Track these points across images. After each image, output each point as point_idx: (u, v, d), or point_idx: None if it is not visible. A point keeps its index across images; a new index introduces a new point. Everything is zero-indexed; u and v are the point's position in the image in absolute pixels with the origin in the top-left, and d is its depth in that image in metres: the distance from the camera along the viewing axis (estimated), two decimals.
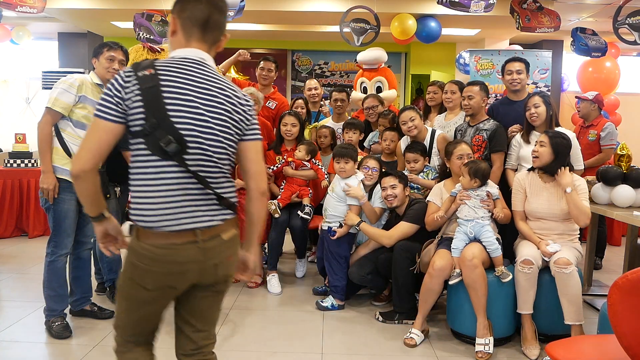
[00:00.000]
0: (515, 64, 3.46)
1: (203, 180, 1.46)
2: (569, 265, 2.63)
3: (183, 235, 1.45)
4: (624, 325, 1.54)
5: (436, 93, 4.16)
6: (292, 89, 8.32)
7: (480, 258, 2.76)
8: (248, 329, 3.04)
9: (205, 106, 1.46)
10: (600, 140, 4.58)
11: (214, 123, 1.47)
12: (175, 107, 1.42)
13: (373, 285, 3.48)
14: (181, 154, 1.42)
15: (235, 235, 1.59)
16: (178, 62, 1.48)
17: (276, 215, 3.62)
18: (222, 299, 1.65)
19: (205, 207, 1.49)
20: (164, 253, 1.44)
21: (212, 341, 1.66)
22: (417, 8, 5.96)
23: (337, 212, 3.40)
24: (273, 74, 4.30)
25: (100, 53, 2.95)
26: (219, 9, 1.53)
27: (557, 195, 2.86)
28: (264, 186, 1.62)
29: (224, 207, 1.54)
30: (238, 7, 5.14)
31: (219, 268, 1.54)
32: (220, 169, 1.52)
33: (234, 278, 1.65)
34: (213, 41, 1.56)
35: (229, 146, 1.53)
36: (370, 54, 5.00)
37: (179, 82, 1.44)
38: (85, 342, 2.76)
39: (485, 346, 2.70)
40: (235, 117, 1.52)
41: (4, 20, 5.88)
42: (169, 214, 1.43)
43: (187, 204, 1.45)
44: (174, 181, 1.43)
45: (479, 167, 2.89)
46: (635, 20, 5.17)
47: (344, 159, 3.40)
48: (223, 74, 3.43)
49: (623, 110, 6.96)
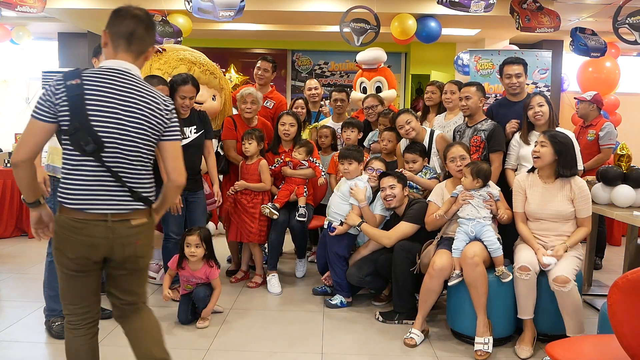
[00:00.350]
0: (514, 67, 3.42)
1: (116, 175, 1.74)
2: (568, 283, 2.60)
3: (96, 216, 1.74)
4: (624, 325, 1.54)
5: (434, 93, 4.16)
6: (292, 89, 8.32)
7: (481, 256, 2.76)
8: (248, 329, 3.04)
9: (124, 112, 1.74)
10: (599, 140, 4.57)
11: (130, 127, 1.75)
12: (96, 113, 1.70)
13: (373, 286, 3.48)
14: (99, 152, 1.71)
15: (145, 224, 1.84)
16: (104, 71, 1.76)
17: (274, 217, 3.62)
18: (140, 277, 1.95)
19: (118, 197, 1.77)
20: (78, 226, 1.73)
21: (137, 305, 1.97)
22: (417, 8, 5.97)
23: (339, 210, 3.41)
24: (269, 74, 4.27)
25: (100, 53, 2.97)
26: (144, 25, 1.82)
27: (556, 196, 2.85)
28: (180, 181, 1.88)
29: (136, 199, 1.79)
30: (238, 7, 5.14)
31: (126, 248, 1.80)
32: (134, 167, 1.79)
33: (146, 261, 1.92)
34: (138, 52, 1.83)
35: (145, 147, 1.80)
36: (369, 54, 5.01)
37: (101, 90, 1.72)
38: None
39: (485, 345, 2.70)
40: (152, 120, 1.79)
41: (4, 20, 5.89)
42: (86, 199, 1.73)
43: (101, 193, 1.74)
44: (91, 174, 1.73)
45: (481, 168, 2.90)
46: (635, 20, 5.17)
47: (348, 160, 3.41)
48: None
49: (623, 110, 6.96)
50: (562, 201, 2.84)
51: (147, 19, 1.84)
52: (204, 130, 3.42)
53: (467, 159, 3.05)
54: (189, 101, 3.27)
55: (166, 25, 5.36)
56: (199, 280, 3.10)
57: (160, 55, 3.67)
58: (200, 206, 3.47)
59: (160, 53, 3.67)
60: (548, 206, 2.85)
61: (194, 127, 3.37)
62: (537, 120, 3.18)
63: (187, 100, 3.25)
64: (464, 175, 2.93)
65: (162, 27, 5.32)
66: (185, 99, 3.24)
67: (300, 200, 3.73)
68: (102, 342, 2.78)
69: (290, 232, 3.84)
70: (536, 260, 2.75)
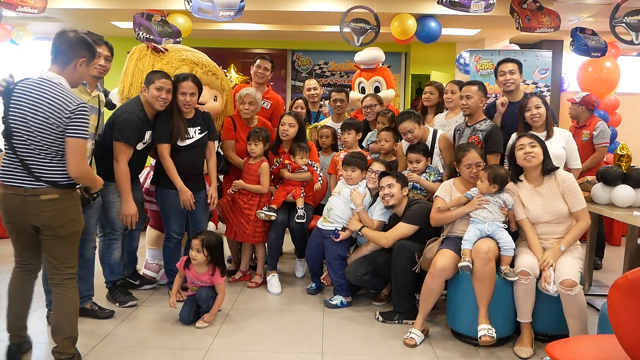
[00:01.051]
0: (508, 65, 3.45)
1: (23, 161, 2.28)
2: (574, 287, 2.60)
3: (15, 190, 2.29)
4: (624, 325, 1.54)
5: (433, 94, 4.16)
6: (292, 89, 8.32)
7: (494, 252, 2.76)
8: (248, 329, 3.04)
9: (29, 110, 2.25)
10: (593, 139, 4.62)
11: (32, 122, 2.25)
12: (12, 112, 2.28)
13: (371, 286, 3.48)
14: (10, 140, 2.28)
15: (55, 199, 2.31)
16: (33, 81, 2.32)
17: (272, 219, 3.62)
18: (61, 244, 2.40)
19: (27, 177, 2.29)
20: (3, 198, 2.35)
21: (64, 276, 2.43)
22: (417, 8, 5.97)
23: (343, 215, 3.44)
24: (269, 73, 4.26)
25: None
26: (64, 41, 2.37)
27: (551, 196, 2.85)
28: (72, 173, 2.32)
29: (36, 180, 2.28)
30: (238, 7, 5.14)
31: (39, 217, 2.31)
32: (36, 156, 2.28)
33: (65, 230, 2.38)
34: (64, 64, 2.37)
35: (47, 139, 2.26)
36: (367, 54, 5.00)
37: (20, 93, 2.29)
38: (85, 342, 2.76)
39: (489, 330, 2.68)
40: (52, 119, 2.24)
41: (4, 20, 5.88)
42: (7, 177, 2.31)
43: (16, 173, 2.30)
44: (10, 158, 2.32)
45: (499, 173, 2.86)
46: (632, 19, 5.17)
47: (352, 167, 3.44)
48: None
49: (623, 110, 6.95)
50: (558, 200, 2.83)
51: (64, 37, 2.37)
52: (207, 131, 3.42)
53: (482, 165, 3.03)
54: (189, 97, 3.24)
55: (166, 25, 5.36)
56: (204, 283, 3.11)
57: (163, 55, 3.66)
58: (202, 206, 3.47)
59: (163, 53, 3.67)
60: (548, 208, 2.84)
61: (198, 127, 3.36)
62: (535, 122, 3.18)
63: (188, 96, 3.23)
64: (480, 180, 2.91)
65: (162, 27, 5.32)
66: (186, 95, 3.22)
67: (299, 202, 3.73)
68: (101, 343, 2.79)
69: (290, 233, 3.84)
70: (536, 264, 2.74)
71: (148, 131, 3.23)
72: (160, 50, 3.67)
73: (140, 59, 3.62)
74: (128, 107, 3.18)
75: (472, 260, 2.77)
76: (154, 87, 3.11)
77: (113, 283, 3.40)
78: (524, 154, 2.85)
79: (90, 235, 3.08)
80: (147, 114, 3.20)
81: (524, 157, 2.85)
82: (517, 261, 2.80)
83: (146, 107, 3.20)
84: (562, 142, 3.21)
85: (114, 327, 3.02)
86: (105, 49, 3.06)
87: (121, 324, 3.06)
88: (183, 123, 3.27)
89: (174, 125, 3.24)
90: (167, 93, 3.16)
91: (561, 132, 3.29)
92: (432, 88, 4.18)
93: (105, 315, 3.13)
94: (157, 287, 3.71)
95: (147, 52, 3.66)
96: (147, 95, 3.15)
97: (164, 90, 3.13)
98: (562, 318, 2.70)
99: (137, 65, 3.59)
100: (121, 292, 3.37)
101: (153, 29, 5.23)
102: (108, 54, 3.07)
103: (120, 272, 3.44)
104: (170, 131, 3.24)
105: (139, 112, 3.14)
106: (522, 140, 2.88)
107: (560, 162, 3.19)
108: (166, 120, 3.24)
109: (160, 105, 3.16)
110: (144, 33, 5.21)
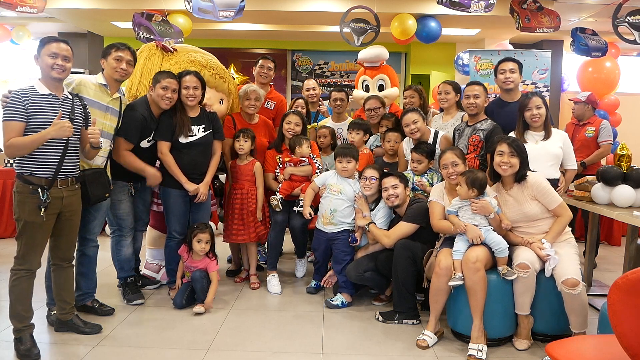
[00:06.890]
0: (509, 64, 3.47)
1: None
2: (577, 286, 2.60)
3: None
4: (624, 325, 1.54)
5: (413, 97, 4.16)
6: (292, 89, 8.32)
7: (483, 261, 2.75)
8: (248, 329, 3.04)
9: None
10: (598, 136, 4.70)
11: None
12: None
13: (373, 285, 3.48)
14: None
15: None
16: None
17: (277, 209, 3.61)
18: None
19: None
20: None
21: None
22: (417, 8, 5.97)
23: (349, 216, 3.46)
24: (272, 73, 4.28)
25: (109, 54, 3.04)
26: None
27: (519, 199, 2.87)
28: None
29: None
30: (238, 7, 5.15)
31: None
32: None
33: None
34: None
35: None
36: (371, 52, 5.00)
37: None
38: (85, 342, 2.76)
39: (479, 352, 2.67)
40: None
41: (4, 20, 5.89)
42: None
43: None
44: None
45: (477, 177, 2.84)
46: (635, 19, 5.17)
47: (347, 158, 3.43)
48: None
49: (623, 110, 6.96)
50: (527, 202, 2.85)
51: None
52: (212, 130, 3.43)
53: (460, 165, 3.02)
54: (192, 90, 3.27)
55: (167, 25, 5.35)
56: (198, 268, 3.33)
57: (172, 55, 3.66)
58: (204, 206, 3.48)
59: (172, 53, 3.67)
60: (518, 211, 2.87)
61: (202, 126, 3.38)
62: (534, 122, 3.19)
63: (191, 90, 3.27)
64: (459, 184, 2.91)
65: (163, 27, 5.32)
66: (189, 88, 3.26)
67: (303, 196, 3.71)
68: (101, 343, 2.80)
69: (290, 232, 3.84)
70: (535, 258, 2.75)
71: (154, 129, 3.29)
72: (170, 49, 3.68)
73: (149, 57, 3.64)
74: (134, 106, 3.25)
75: (462, 274, 2.77)
76: (160, 87, 3.20)
77: (124, 280, 3.43)
78: (501, 162, 2.86)
79: (92, 235, 3.11)
80: (154, 112, 3.28)
81: (500, 165, 2.86)
82: (514, 256, 2.81)
83: (152, 105, 3.27)
84: (560, 143, 3.23)
85: (114, 327, 3.02)
86: (128, 53, 3.07)
87: (121, 323, 3.06)
88: (187, 119, 3.31)
89: (177, 120, 3.28)
90: (173, 92, 3.24)
91: (558, 133, 3.31)
92: (412, 92, 4.19)
93: (105, 312, 3.15)
94: (158, 287, 3.71)
95: (156, 51, 3.67)
96: (153, 94, 3.23)
97: (170, 90, 3.21)
98: (562, 318, 2.70)
99: (145, 63, 3.61)
100: (130, 290, 3.40)
101: (153, 29, 5.23)
102: (130, 58, 3.08)
103: (130, 270, 3.46)
104: (173, 128, 3.28)
105: (144, 111, 3.22)
106: (503, 147, 2.87)
107: (558, 162, 3.24)
108: (169, 118, 3.29)
109: (165, 104, 3.24)
110: (144, 33, 5.20)
